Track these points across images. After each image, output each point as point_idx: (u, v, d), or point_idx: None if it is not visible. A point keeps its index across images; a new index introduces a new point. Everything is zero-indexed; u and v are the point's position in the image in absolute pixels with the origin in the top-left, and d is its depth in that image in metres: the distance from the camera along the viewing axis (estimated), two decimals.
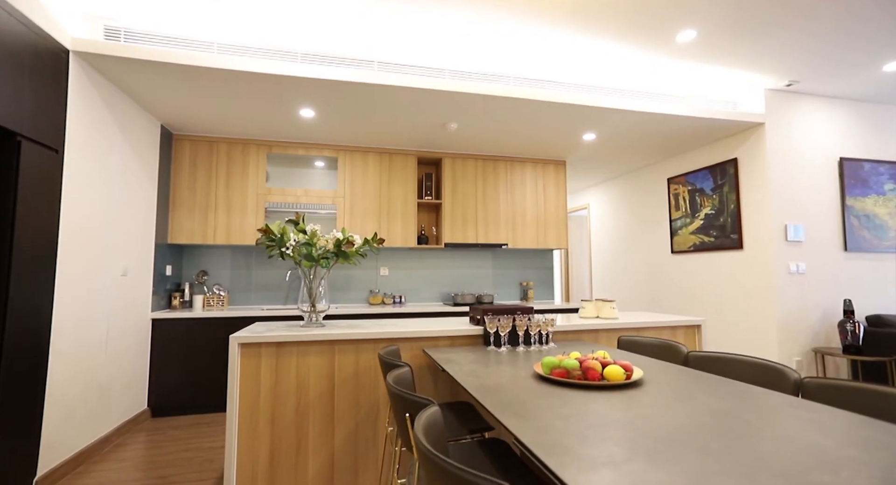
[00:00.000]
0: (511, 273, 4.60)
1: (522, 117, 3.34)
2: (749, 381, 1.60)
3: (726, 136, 3.81)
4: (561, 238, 4.41)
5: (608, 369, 1.40)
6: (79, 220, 2.36)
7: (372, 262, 4.25)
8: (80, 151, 2.37)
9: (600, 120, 3.39)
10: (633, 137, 3.81)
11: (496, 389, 1.37)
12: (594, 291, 5.83)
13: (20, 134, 1.95)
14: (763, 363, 1.58)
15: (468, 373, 1.61)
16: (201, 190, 3.63)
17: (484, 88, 2.93)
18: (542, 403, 1.21)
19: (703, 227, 4.00)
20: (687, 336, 2.67)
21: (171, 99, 2.93)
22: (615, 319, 2.67)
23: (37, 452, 2.08)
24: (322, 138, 3.79)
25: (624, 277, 5.26)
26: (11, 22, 1.91)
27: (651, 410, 1.15)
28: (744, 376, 1.63)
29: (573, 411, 1.13)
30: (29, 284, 2.01)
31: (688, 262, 4.21)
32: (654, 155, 4.41)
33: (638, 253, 5.01)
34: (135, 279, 3.01)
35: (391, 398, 1.42)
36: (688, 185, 4.21)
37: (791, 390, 1.42)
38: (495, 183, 4.29)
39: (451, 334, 2.29)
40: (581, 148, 4.11)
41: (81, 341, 2.41)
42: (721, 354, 1.74)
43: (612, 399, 1.25)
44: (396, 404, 1.33)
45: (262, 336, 2.04)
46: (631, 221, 5.16)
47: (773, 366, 1.53)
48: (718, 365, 1.73)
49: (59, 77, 2.21)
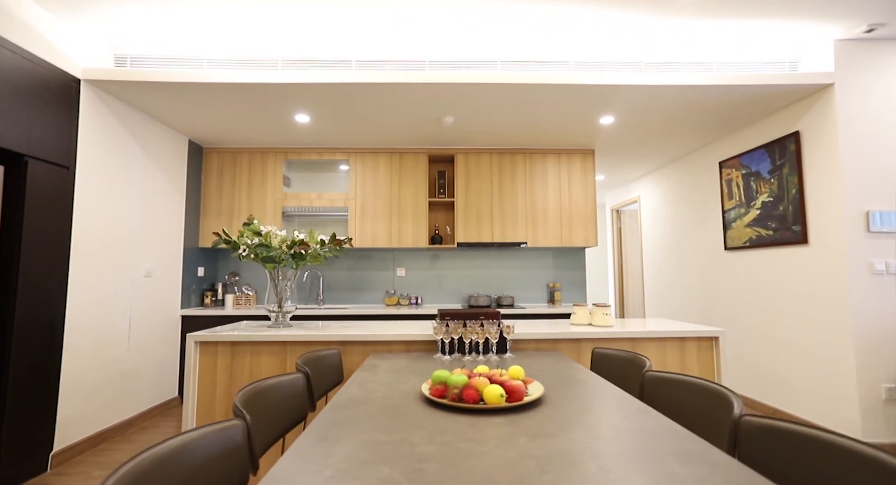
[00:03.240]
0: (536, 274, 4.28)
1: (523, 104, 3.07)
2: (693, 408, 1.25)
3: (784, 105, 3.11)
4: (589, 235, 3.99)
5: (486, 391, 1.18)
6: (93, 227, 2.68)
7: (388, 262, 4.25)
8: (94, 166, 2.69)
9: (612, 99, 2.99)
10: (663, 117, 3.29)
11: (364, 402, 1.24)
12: (646, 295, 5.20)
13: (27, 155, 2.26)
14: (706, 386, 1.22)
15: (366, 382, 1.48)
16: (227, 197, 3.93)
17: (469, 77, 2.74)
18: (377, 425, 1.05)
19: (760, 218, 3.32)
20: (701, 351, 2.22)
21: (181, 114, 3.21)
22: (609, 326, 2.31)
23: (53, 428, 2.39)
24: (334, 142, 3.88)
25: (674, 279, 4.60)
26: (17, 60, 2.22)
27: (488, 444, 0.93)
28: (689, 401, 1.28)
29: (394, 438, 0.96)
30: (39, 283, 2.32)
31: (743, 260, 3.54)
32: (701, 136, 3.78)
33: (688, 251, 4.35)
34: (162, 280, 3.35)
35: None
36: (741, 168, 3.53)
37: (729, 425, 1.07)
38: (512, 177, 4.02)
39: (407, 340, 2.16)
40: (605, 133, 3.67)
41: (100, 334, 2.73)
42: (672, 375, 1.39)
43: (463, 426, 1.04)
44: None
45: (219, 335, 2.12)
46: (681, 213, 4.49)
47: (716, 390, 1.18)
48: (670, 388, 1.39)
49: (71, 103, 2.53)
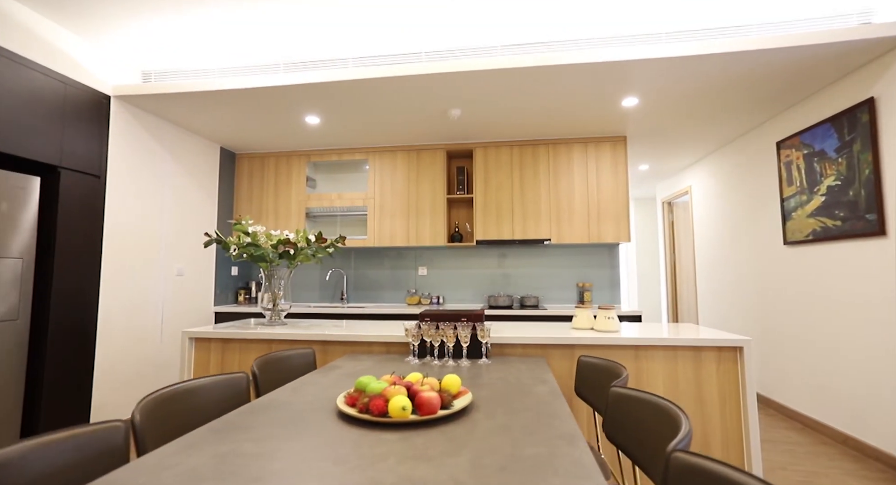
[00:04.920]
0: (565, 273, 3.99)
1: (532, 91, 2.85)
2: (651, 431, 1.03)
3: (853, 68, 2.58)
4: (621, 230, 3.63)
5: (392, 402, 1.06)
6: (124, 230, 2.93)
7: (410, 261, 4.21)
8: (125, 174, 2.94)
9: (630, 77, 2.67)
10: (697, 94, 2.89)
11: (279, 407, 1.18)
12: (699, 298, 4.64)
13: (59, 166, 2.52)
14: (664, 407, 1.00)
15: (305, 385, 1.43)
16: (256, 200, 4.14)
17: (465, 65, 2.60)
18: (260, 434, 0.99)
19: (826, 206, 2.79)
20: (722, 363, 1.89)
21: (203, 122, 3.42)
22: (613, 332, 2.05)
23: (88, 410, 2.65)
24: (352, 142, 3.92)
25: (727, 279, 4.05)
26: (50, 82, 2.48)
27: (345, 465, 0.82)
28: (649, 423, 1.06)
29: (259, 451, 0.89)
30: (72, 282, 2.58)
31: (805, 256, 2.99)
32: (753, 113, 3.27)
33: (742, 247, 3.79)
34: (195, 279, 3.60)
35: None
36: (803, 148, 2.99)
37: (664, 458, 0.85)
38: (535, 170, 3.79)
39: (388, 341, 2.09)
40: (634, 117, 3.31)
41: (132, 330, 2.99)
42: (632, 392, 1.17)
43: (345, 441, 0.94)
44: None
45: (211, 332, 2.20)
46: (733, 204, 3.94)
47: (671, 413, 0.96)
48: (631, 406, 1.16)
49: (101, 117, 2.79)
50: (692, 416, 1.89)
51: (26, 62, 2.38)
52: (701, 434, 1.88)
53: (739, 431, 1.86)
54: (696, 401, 1.89)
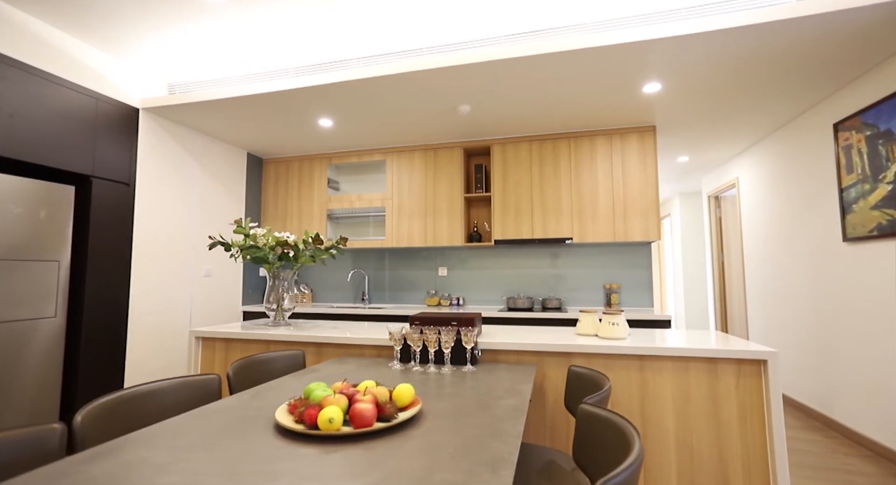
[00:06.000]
0: (590, 273, 3.76)
1: (539, 80, 2.69)
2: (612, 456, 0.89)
3: None
4: (650, 228, 3.35)
5: (321, 413, 1.00)
6: (152, 233, 3.12)
7: (431, 261, 4.16)
8: (153, 181, 3.14)
9: (648, 59, 2.44)
10: (729, 74, 2.58)
11: (228, 411, 1.16)
12: (748, 303, 4.19)
13: (91, 175, 2.72)
14: (621, 428, 0.86)
15: (269, 389, 1.41)
16: (282, 203, 4.27)
17: (466, 58, 2.50)
18: (187, 443, 0.97)
19: (893, 195, 2.38)
20: (743, 378, 1.65)
21: (224, 128, 3.57)
22: (618, 339, 1.87)
23: None
24: (370, 144, 3.93)
25: (778, 281, 3.60)
26: (83, 98, 2.69)
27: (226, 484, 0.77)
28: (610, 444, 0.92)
29: (161, 461, 0.86)
30: (105, 282, 2.78)
31: (869, 255, 2.58)
32: (802, 93, 2.87)
33: (795, 244, 3.36)
34: (222, 279, 3.77)
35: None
36: (865, 129, 2.58)
37: None
38: (555, 166, 3.59)
39: (379, 344, 2.05)
40: (661, 104, 3.03)
41: (161, 327, 3.17)
42: (595, 410, 1.02)
43: (253, 456, 0.89)
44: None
45: (215, 332, 2.27)
46: (784, 196, 3.50)
47: (627, 436, 0.82)
48: (597, 426, 1.02)
49: (131, 129, 2.99)
50: (705, 438, 1.66)
51: (61, 81, 2.59)
52: (717, 460, 1.65)
53: (765, 457, 1.61)
54: (711, 420, 1.67)
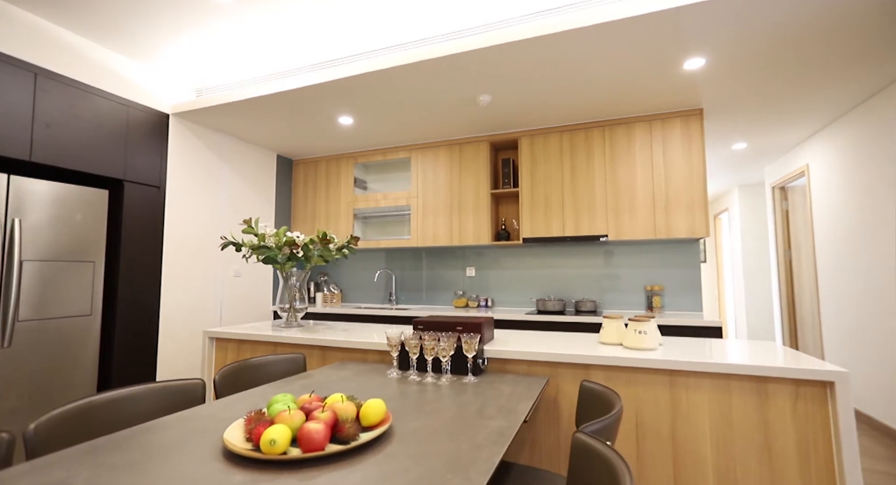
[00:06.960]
0: (630, 274, 3.44)
1: (562, 63, 2.47)
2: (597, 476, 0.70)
3: None
4: (697, 223, 3.00)
5: (266, 433, 0.88)
6: (182, 234, 3.22)
7: (459, 261, 4.01)
8: (185, 184, 3.24)
9: (687, 29, 2.14)
10: (793, 41, 2.21)
11: (190, 421, 1.09)
12: (822, 310, 3.66)
13: (124, 179, 2.84)
14: (605, 458, 0.67)
15: (245, 397, 1.33)
16: (310, 204, 4.30)
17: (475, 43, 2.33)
18: (128, 459, 0.89)
19: None
20: (802, 402, 1.36)
21: (249, 130, 3.62)
22: (648, 349, 1.63)
23: None
24: (395, 141, 3.86)
25: (859, 281, 3.09)
26: (115, 106, 2.81)
27: None
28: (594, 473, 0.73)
29: (81, 478, 0.78)
30: (137, 282, 2.89)
31: None
32: (885, 61, 2.42)
33: (879, 239, 2.86)
34: (252, 279, 3.85)
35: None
36: None
37: None
38: (588, 157, 3.32)
39: (382, 349, 1.93)
40: (709, 83, 2.69)
41: (192, 325, 3.27)
42: (592, 442, 0.83)
43: (179, 481, 0.79)
44: None
45: (227, 333, 2.26)
46: (863, 186, 2.99)
47: (613, 466, 0.63)
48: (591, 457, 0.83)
49: (161, 134, 3.10)
50: (753, 470, 1.39)
51: (94, 90, 2.71)
52: None
53: None
54: (761, 451, 1.39)
